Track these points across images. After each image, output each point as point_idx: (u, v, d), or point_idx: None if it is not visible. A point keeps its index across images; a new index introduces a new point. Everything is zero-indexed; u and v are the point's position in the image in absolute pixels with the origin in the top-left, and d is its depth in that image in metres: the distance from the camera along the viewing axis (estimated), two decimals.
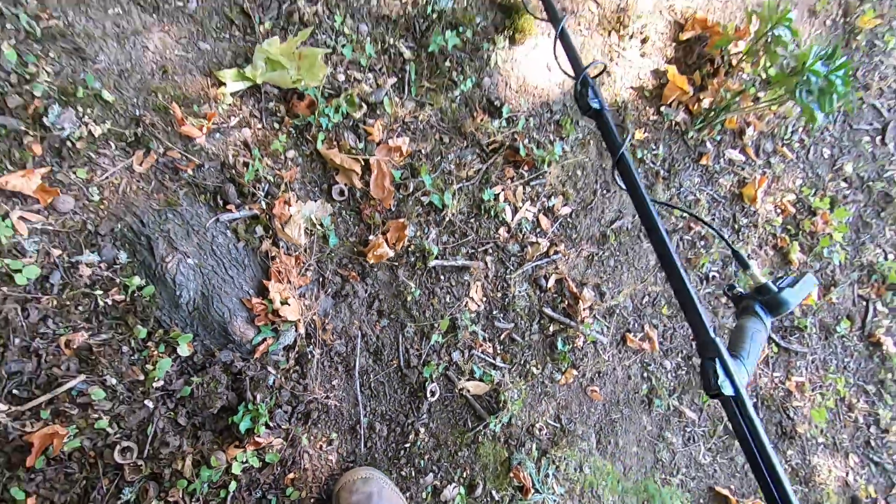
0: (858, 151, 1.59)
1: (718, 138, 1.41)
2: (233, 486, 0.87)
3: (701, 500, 1.24)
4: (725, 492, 1.26)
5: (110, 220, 0.84)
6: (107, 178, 0.85)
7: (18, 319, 0.78)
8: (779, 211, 1.46)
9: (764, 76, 1.34)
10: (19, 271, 0.78)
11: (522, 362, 1.12)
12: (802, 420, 1.37)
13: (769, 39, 1.23)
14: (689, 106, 1.37)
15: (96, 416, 0.81)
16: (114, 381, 0.82)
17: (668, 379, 1.26)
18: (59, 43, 0.85)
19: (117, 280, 0.83)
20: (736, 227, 1.41)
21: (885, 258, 1.56)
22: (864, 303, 1.53)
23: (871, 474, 1.44)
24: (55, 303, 0.80)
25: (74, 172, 0.83)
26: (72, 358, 0.81)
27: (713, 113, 1.36)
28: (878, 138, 1.62)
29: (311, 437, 0.94)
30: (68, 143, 0.83)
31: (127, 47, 0.90)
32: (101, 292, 0.82)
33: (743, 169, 1.43)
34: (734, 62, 1.38)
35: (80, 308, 0.82)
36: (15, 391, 0.78)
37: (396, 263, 1.04)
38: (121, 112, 0.88)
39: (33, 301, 0.79)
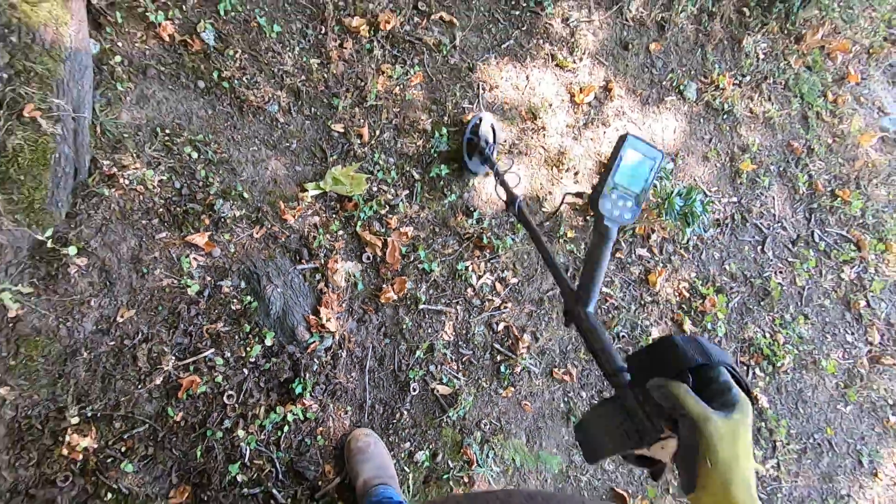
0: (742, 256, 2.22)
1: (630, 240, 2.06)
2: (286, 428, 1.45)
3: (604, 496, 1.74)
4: (623, 493, 1.75)
5: (238, 263, 1.52)
6: (239, 239, 1.54)
7: (185, 313, 1.43)
8: (676, 294, 2.07)
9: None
10: (189, 287, 1.44)
11: (476, 378, 1.70)
12: None
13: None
14: None
15: (216, 374, 1.42)
16: (228, 354, 1.44)
17: (583, 405, 1.81)
18: (223, 166, 1.58)
19: (238, 297, 1.49)
20: (642, 302, 2.01)
21: (764, 336, 2.13)
22: (746, 367, 2.08)
23: None
24: (204, 306, 1.45)
25: (223, 235, 1.52)
26: (208, 339, 1.44)
27: None
28: (759, 248, 2.26)
29: (335, 407, 1.52)
30: (223, 220, 1.52)
31: (257, 168, 1.63)
32: (229, 302, 1.47)
33: (649, 262, 2.07)
34: None
35: (216, 311, 1.46)
36: (177, 354, 1.41)
37: (398, 305, 1.68)
38: (250, 204, 1.58)
39: (193, 304, 1.44)
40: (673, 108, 2.26)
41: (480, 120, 1.83)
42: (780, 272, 2.25)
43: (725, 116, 2.34)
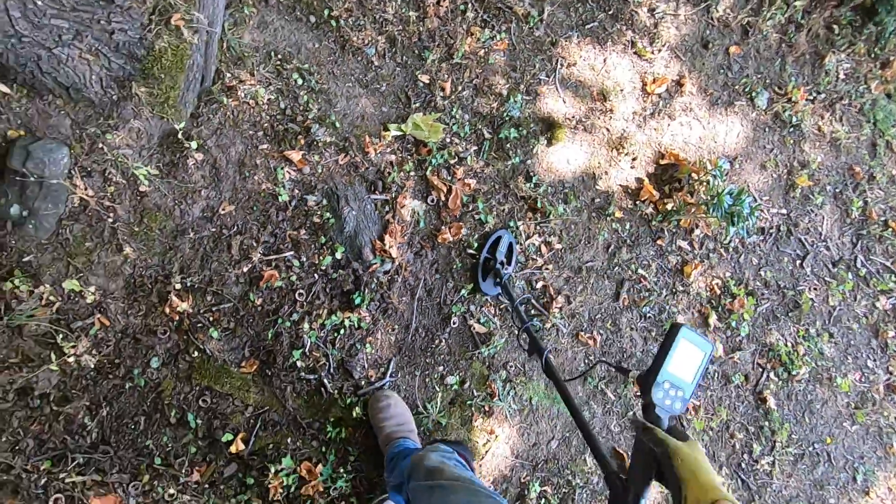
0: (780, 267, 2.39)
1: (674, 231, 2.26)
2: (342, 331, 1.74)
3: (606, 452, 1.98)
4: (623, 453, 2.00)
5: (323, 182, 1.79)
6: (326, 162, 1.81)
7: (273, 217, 1.72)
8: (707, 289, 2.27)
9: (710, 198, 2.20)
10: (280, 195, 1.73)
11: (509, 325, 1.95)
12: (692, 430, 2.10)
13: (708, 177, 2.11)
14: (657, 205, 2.24)
15: (292, 274, 1.72)
16: (304, 259, 1.73)
17: (601, 371, 2.05)
18: (322, 95, 1.85)
19: (319, 211, 1.77)
20: (674, 291, 2.22)
21: (785, 344, 2.31)
22: (761, 369, 2.27)
23: (737, 486, 2.12)
24: (290, 214, 1.74)
25: (314, 156, 1.80)
26: (289, 242, 1.73)
27: (672, 213, 2.22)
28: (799, 262, 2.42)
29: (385, 323, 1.80)
30: (315, 143, 1.80)
31: (350, 103, 1.89)
32: (311, 215, 1.75)
33: (688, 255, 2.26)
34: (694, 184, 2.25)
35: (300, 220, 1.75)
36: (263, 250, 1.70)
37: (452, 246, 1.94)
38: (340, 133, 1.85)
39: (282, 210, 1.73)
40: (741, 112, 2.41)
41: (499, 238, 1.92)
42: (815, 289, 2.41)
43: (792, 130, 2.48)
